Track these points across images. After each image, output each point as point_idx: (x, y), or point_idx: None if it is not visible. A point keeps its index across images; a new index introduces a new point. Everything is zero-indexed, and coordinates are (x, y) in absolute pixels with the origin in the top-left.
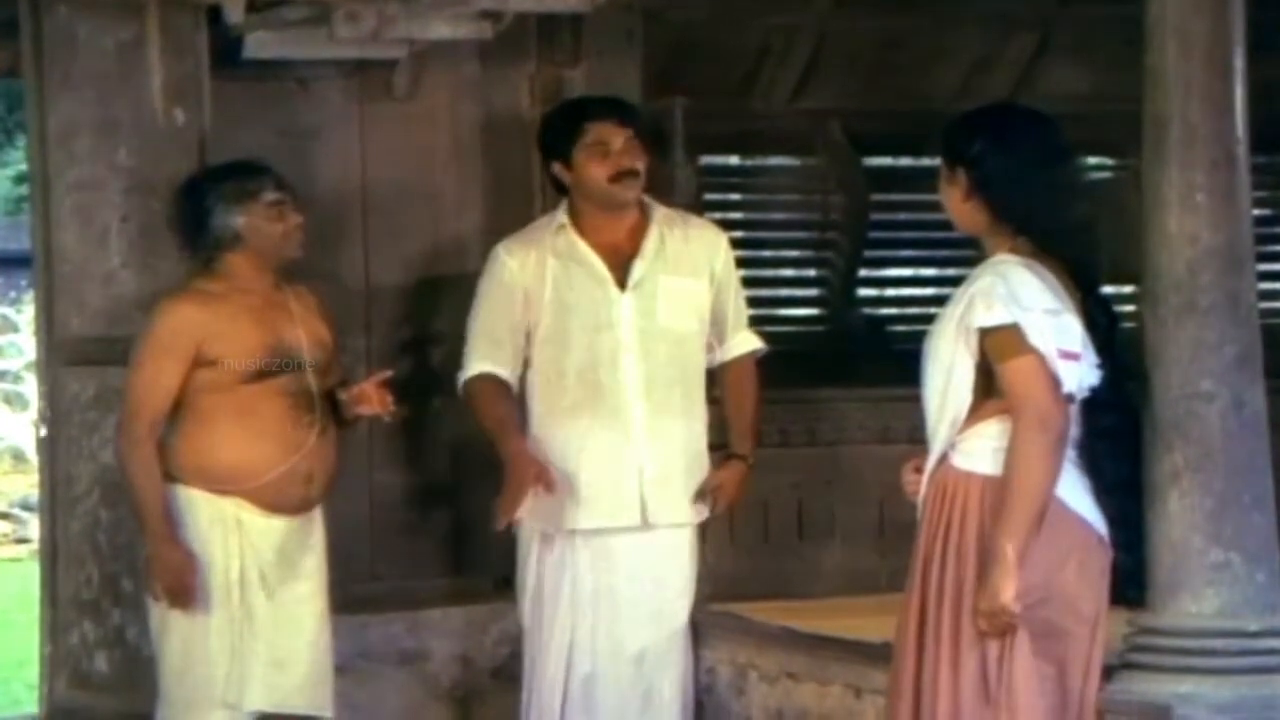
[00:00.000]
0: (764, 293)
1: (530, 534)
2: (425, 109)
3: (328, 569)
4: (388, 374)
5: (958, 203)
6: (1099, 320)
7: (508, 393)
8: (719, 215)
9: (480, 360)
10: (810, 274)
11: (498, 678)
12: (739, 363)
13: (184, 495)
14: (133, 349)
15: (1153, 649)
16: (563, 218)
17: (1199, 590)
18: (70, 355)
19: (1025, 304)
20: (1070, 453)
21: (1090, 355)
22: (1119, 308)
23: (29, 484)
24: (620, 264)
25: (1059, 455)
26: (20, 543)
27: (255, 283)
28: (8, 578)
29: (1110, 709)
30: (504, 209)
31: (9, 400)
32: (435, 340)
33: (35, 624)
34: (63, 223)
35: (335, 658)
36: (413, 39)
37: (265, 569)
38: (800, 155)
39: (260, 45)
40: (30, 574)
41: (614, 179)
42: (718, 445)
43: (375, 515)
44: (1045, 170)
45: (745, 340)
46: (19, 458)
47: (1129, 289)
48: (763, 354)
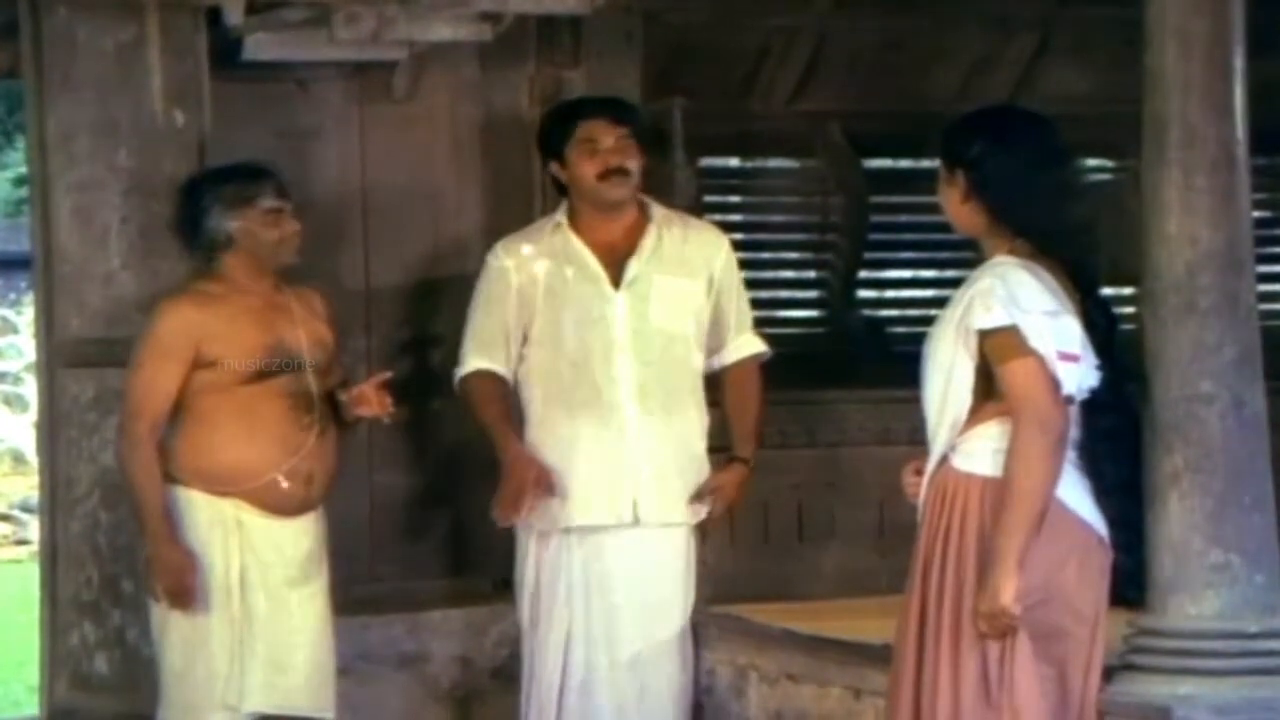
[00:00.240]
0: (764, 294)
1: (527, 532)
2: (425, 110)
3: (328, 570)
4: (387, 375)
5: (957, 204)
6: (1098, 322)
7: (503, 390)
8: (718, 217)
9: (476, 357)
10: (810, 276)
11: (497, 679)
12: (741, 366)
13: (184, 496)
14: (132, 350)
15: (1153, 650)
16: (560, 217)
17: (1199, 591)
18: (70, 357)
19: (1024, 306)
20: (1070, 454)
21: (1090, 357)
22: (1119, 309)
23: (29, 486)
24: (616, 263)
25: (1059, 457)
26: (20, 544)
27: (254, 284)
28: (8, 579)
29: (1110, 710)
30: (504, 210)
31: (9, 402)
32: (435, 341)
33: (35, 625)
34: (62, 224)
35: (336, 659)
36: (412, 40)
37: (265, 570)
38: (800, 157)
39: (260, 47)
40: (30, 575)
41: (602, 176)
42: (720, 448)
43: (375, 516)
44: (1044, 172)
45: (748, 343)
46: (19, 459)
47: (1129, 290)
48: (766, 357)
